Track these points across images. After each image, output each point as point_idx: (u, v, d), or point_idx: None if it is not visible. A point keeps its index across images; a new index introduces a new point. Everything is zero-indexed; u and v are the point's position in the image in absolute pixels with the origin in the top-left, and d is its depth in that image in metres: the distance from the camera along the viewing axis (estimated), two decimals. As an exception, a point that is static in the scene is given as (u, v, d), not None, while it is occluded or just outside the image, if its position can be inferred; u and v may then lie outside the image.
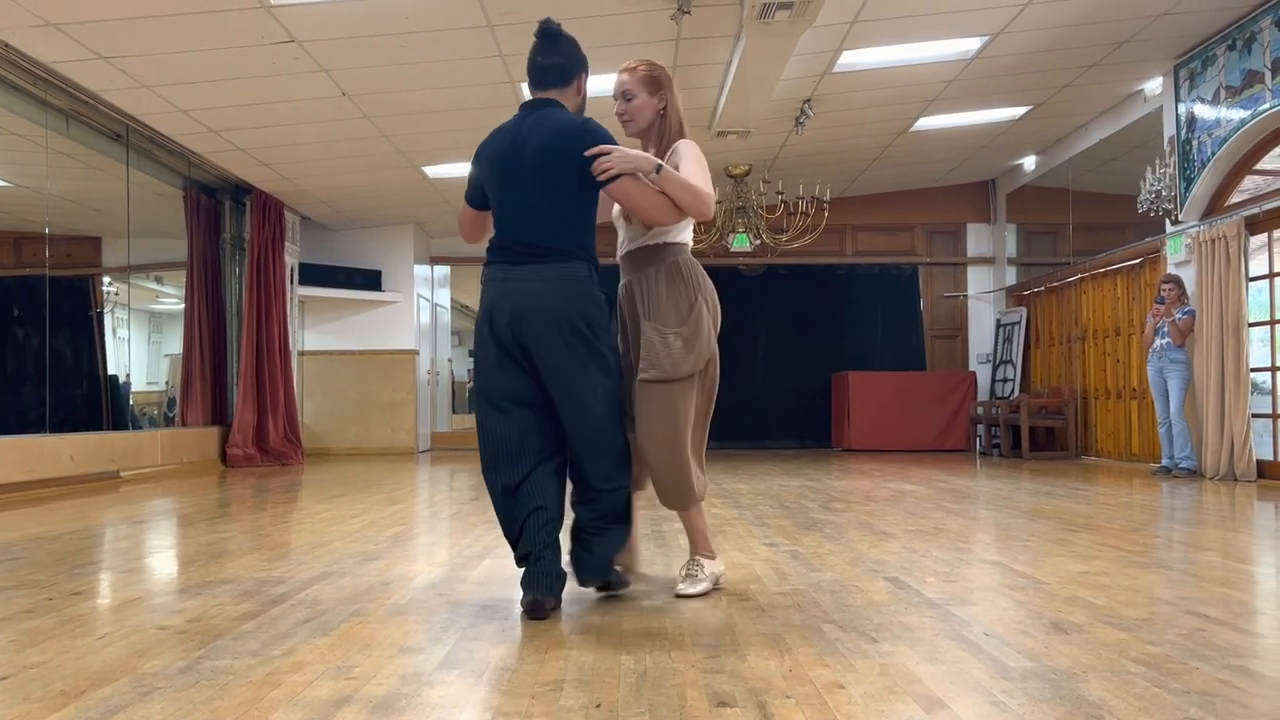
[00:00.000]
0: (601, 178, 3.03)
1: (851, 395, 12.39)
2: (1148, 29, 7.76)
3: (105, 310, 9.82)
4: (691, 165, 3.21)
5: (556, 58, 3.37)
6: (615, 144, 3.08)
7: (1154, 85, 9.10)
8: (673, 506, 3.29)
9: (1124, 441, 9.93)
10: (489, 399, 3.06)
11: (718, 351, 3.32)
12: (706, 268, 3.56)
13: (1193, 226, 8.40)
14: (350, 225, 12.41)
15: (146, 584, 3.60)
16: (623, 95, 3.43)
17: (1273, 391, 7.91)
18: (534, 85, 3.32)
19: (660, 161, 3.13)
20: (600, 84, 8.34)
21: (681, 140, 3.34)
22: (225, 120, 8.15)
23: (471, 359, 3.44)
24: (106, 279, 9.80)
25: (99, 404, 9.60)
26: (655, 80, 3.41)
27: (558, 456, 3.11)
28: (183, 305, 10.29)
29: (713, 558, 3.35)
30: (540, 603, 2.91)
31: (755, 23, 6.36)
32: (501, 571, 3.68)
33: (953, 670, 2.31)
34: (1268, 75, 7.38)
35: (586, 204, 3.11)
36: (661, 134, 3.38)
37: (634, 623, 2.81)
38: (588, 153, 3.02)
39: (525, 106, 3.28)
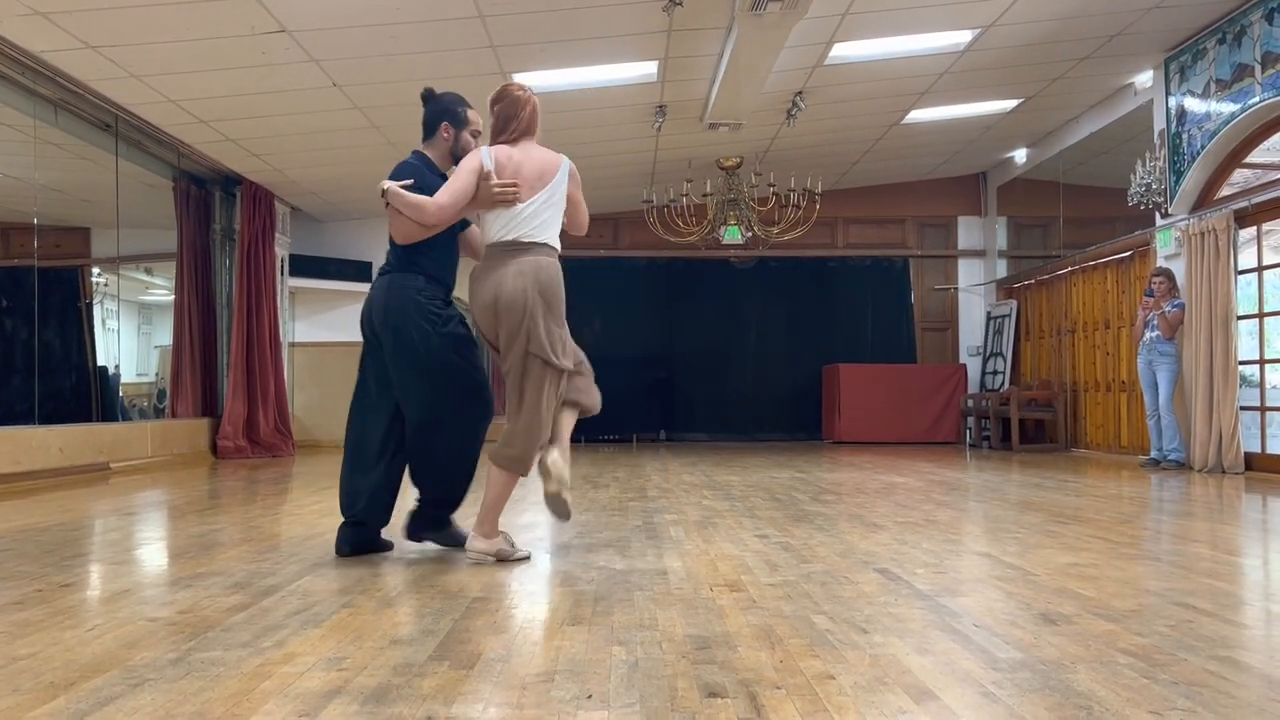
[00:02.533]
0: None
1: (842, 388, 12.41)
2: (1138, 22, 7.78)
3: (94, 301, 9.77)
4: (453, 177, 3.80)
5: (425, 118, 4.09)
6: (407, 181, 3.77)
7: (1144, 79, 9.12)
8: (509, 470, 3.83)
9: (1113, 434, 9.97)
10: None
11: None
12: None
13: (1182, 220, 8.42)
14: (341, 216, 12.37)
15: (137, 576, 3.59)
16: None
17: (1260, 384, 7.95)
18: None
19: (386, 185, 3.76)
20: (593, 76, 8.35)
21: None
22: (215, 110, 8.11)
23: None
24: (95, 270, 9.75)
25: (88, 395, 9.56)
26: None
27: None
28: (172, 296, 10.25)
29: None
30: None
31: (747, 15, 6.36)
32: (493, 563, 3.68)
33: (942, 661, 2.32)
34: (1257, 69, 7.40)
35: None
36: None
37: (625, 614, 2.81)
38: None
39: None
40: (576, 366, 3.85)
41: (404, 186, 3.72)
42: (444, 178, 3.89)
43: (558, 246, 3.79)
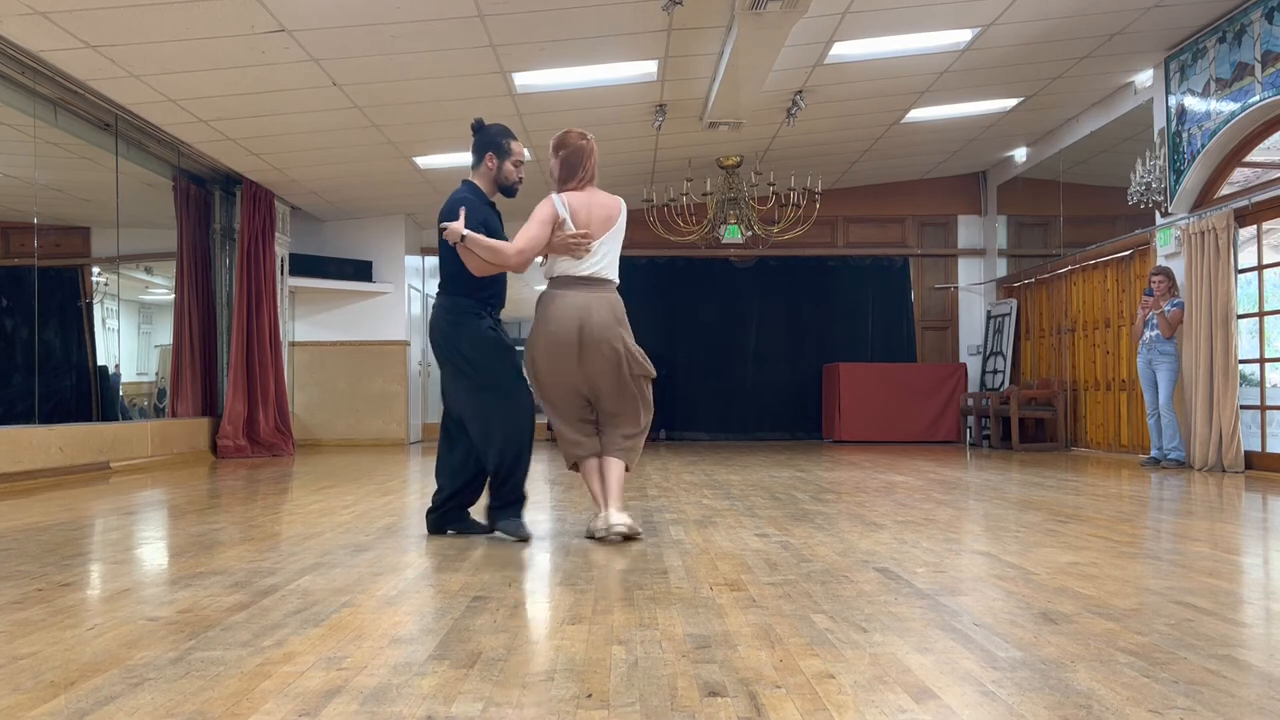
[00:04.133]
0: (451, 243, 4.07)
1: (842, 387, 12.42)
2: (1138, 21, 7.78)
3: (94, 301, 9.78)
4: (527, 225, 4.08)
5: (472, 148, 4.31)
6: (455, 219, 4.00)
7: (1144, 77, 9.12)
8: (633, 464, 4.33)
9: (1113, 433, 9.97)
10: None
11: None
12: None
13: (1182, 219, 8.42)
14: (341, 216, 12.37)
15: (137, 575, 3.59)
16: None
17: (1260, 383, 7.95)
18: None
19: (465, 233, 3.97)
20: (593, 75, 8.34)
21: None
22: (215, 110, 8.11)
23: None
24: (95, 269, 9.76)
25: (88, 395, 9.57)
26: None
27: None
28: (172, 296, 10.25)
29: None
30: None
31: (747, 13, 6.35)
32: (493, 562, 3.69)
33: (942, 660, 2.32)
34: (1258, 68, 7.40)
35: (455, 257, 4.13)
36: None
37: (625, 613, 2.82)
38: (439, 227, 4.08)
39: None
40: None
41: (454, 218, 4.01)
42: (493, 206, 4.26)
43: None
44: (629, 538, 4.15)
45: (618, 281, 4.22)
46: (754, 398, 13.49)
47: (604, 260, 4.12)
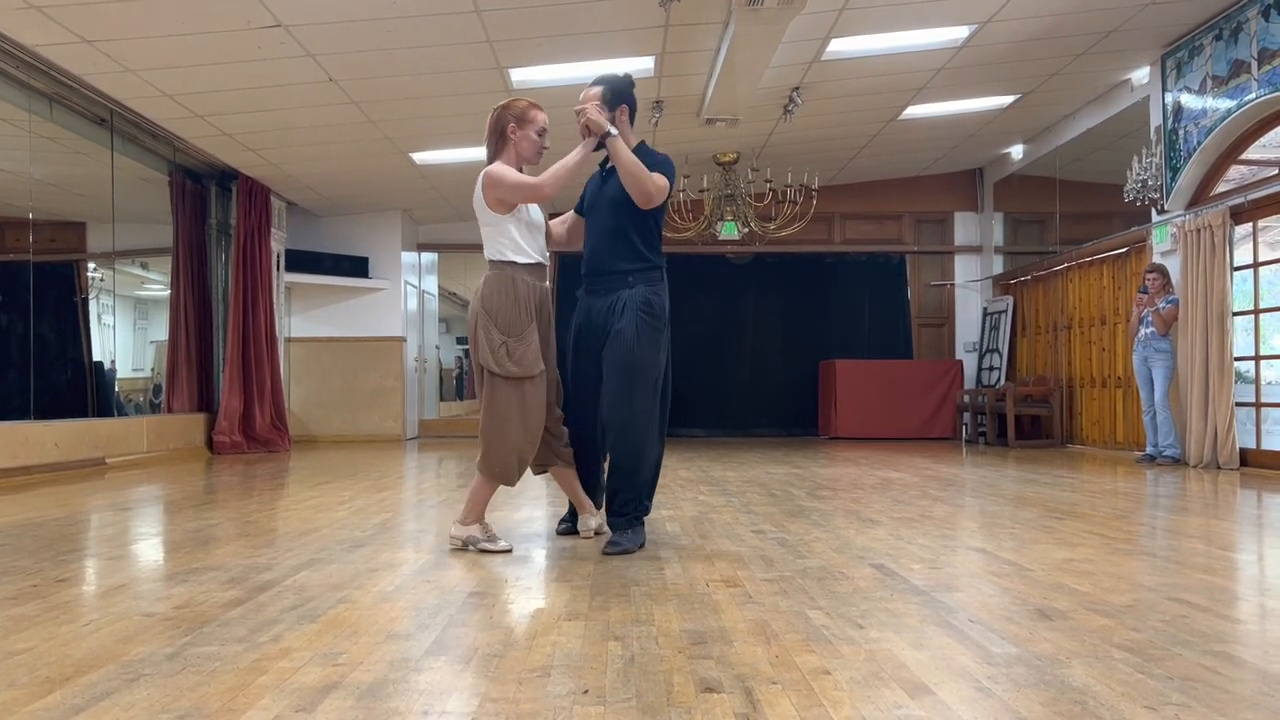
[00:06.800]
0: None
1: (839, 383, 12.42)
2: (1135, 18, 7.78)
3: (90, 296, 9.76)
4: None
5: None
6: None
7: (1141, 75, 9.12)
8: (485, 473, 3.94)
9: (1109, 430, 9.98)
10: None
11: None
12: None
13: (1178, 216, 8.43)
14: (337, 211, 12.36)
15: (132, 570, 3.59)
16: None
17: (1255, 380, 7.97)
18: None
19: None
20: (590, 71, 8.34)
21: None
22: (211, 105, 8.09)
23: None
24: (91, 265, 9.74)
25: (84, 390, 9.55)
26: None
27: None
28: (168, 291, 10.24)
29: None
30: None
31: (744, 10, 6.35)
32: (489, 558, 3.69)
33: (938, 656, 2.33)
34: (1254, 65, 7.40)
35: None
36: None
37: (621, 610, 2.82)
38: None
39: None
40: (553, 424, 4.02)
41: None
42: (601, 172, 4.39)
43: (507, 258, 3.86)
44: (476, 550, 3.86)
45: (502, 257, 3.84)
46: (750, 394, 13.50)
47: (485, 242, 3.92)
